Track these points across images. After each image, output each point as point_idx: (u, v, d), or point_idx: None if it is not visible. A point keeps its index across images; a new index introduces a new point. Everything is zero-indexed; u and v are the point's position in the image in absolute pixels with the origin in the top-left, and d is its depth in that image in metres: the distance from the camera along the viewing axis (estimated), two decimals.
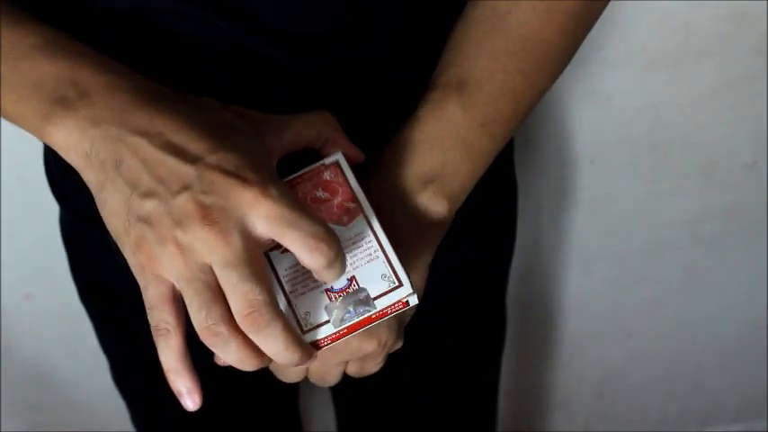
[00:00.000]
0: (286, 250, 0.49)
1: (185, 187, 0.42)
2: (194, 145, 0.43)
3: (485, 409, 0.85)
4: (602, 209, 1.10)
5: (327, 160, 0.52)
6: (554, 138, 1.03)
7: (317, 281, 0.49)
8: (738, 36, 0.95)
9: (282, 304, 0.49)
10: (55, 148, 0.46)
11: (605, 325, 1.24)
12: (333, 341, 0.49)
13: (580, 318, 1.23)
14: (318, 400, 1.17)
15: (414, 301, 0.49)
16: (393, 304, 0.49)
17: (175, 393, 0.46)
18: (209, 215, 0.42)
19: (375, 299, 0.49)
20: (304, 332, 0.48)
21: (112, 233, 0.45)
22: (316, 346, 0.48)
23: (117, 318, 0.73)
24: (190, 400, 0.46)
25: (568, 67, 0.58)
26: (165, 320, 0.44)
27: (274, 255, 0.50)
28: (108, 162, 0.44)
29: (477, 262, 0.74)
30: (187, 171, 0.42)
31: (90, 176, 0.45)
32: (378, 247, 0.50)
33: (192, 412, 0.47)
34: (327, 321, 0.48)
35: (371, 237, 0.50)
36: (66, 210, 0.71)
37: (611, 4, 0.59)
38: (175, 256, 0.42)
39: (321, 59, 0.56)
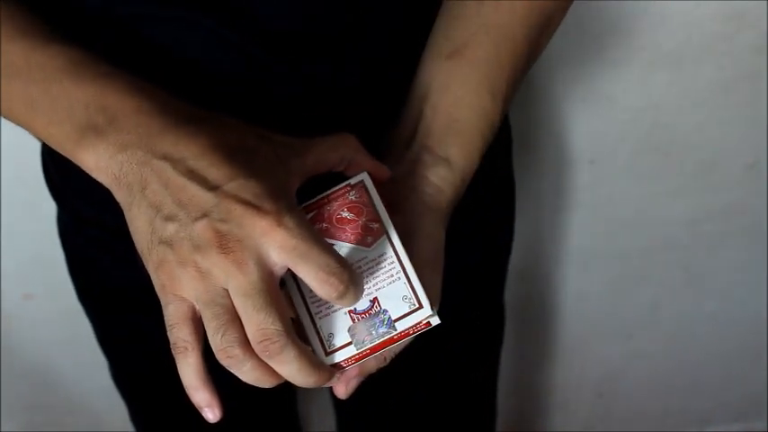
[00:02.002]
0: None
1: (204, 214, 0.44)
2: (215, 171, 0.45)
3: (484, 408, 0.85)
4: (602, 209, 1.10)
5: (353, 180, 0.53)
6: (553, 138, 1.03)
7: None
8: (738, 36, 0.95)
9: (308, 325, 0.50)
10: (87, 171, 0.47)
11: (605, 325, 1.24)
12: (356, 361, 0.49)
13: (580, 318, 1.23)
14: (318, 402, 1.17)
15: (435, 321, 0.50)
16: (414, 326, 0.49)
17: (196, 407, 0.47)
18: (226, 243, 0.43)
19: (396, 320, 0.49)
20: (327, 354, 0.49)
21: (138, 251, 0.47)
22: (338, 366, 0.49)
23: (115, 317, 0.73)
24: (210, 413, 0.47)
25: (568, 67, 0.58)
26: (183, 339, 0.45)
27: None
28: (135, 185, 0.45)
29: (475, 262, 0.74)
30: (206, 198, 0.44)
31: (119, 197, 0.47)
32: (399, 268, 0.50)
33: (190, 413, 0.47)
34: (350, 343, 0.49)
35: (393, 257, 0.50)
36: (64, 210, 0.71)
37: (611, 4, 0.59)
38: (195, 279, 0.44)
39: (320, 60, 0.56)
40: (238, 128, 0.48)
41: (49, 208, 0.73)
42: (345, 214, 0.52)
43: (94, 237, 0.67)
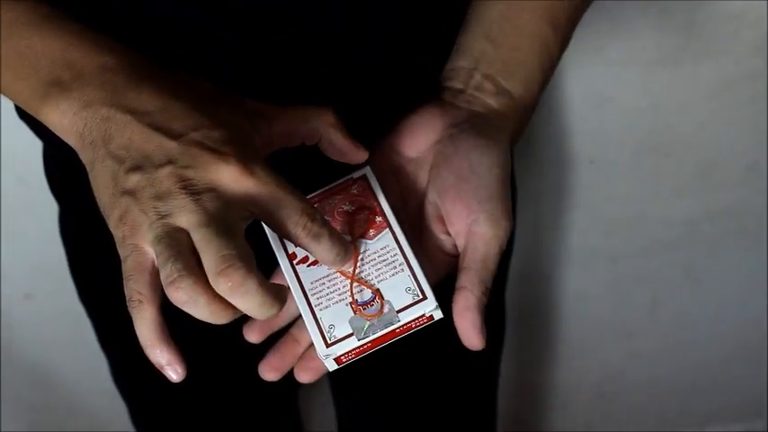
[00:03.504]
0: (312, 264, 0.50)
1: (169, 161, 0.43)
2: (180, 122, 0.44)
3: (485, 409, 0.85)
4: (602, 209, 1.10)
5: (355, 174, 0.53)
6: (554, 138, 1.02)
7: (342, 294, 0.50)
8: (738, 36, 0.95)
9: (308, 316, 0.50)
10: (52, 129, 0.47)
11: (605, 325, 1.24)
12: (356, 355, 0.49)
13: (580, 318, 1.23)
14: (319, 400, 1.17)
15: (438, 315, 0.50)
16: (417, 318, 0.49)
17: (157, 367, 0.45)
18: (191, 186, 0.43)
19: (399, 312, 0.49)
20: (328, 345, 0.49)
21: (101, 209, 0.46)
22: (338, 361, 0.49)
23: (116, 317, 0.73)
24: (172, 371, 0.45)
25: (568, 68, 0.59)
26: (138, 291, 0.43)
27: (301, 268, 0.51)
28: (98, 141, 0.45)
29: None
30: (171, 146, 0.43)
31: (84, 156, 0.46)
32: (403, 260, 0.50)
33: (191, 412, 0.47)
34: (351, 334, 0.49)
35: (397, 250, 0.50)
36: (65, 208, 0.71)
37: (611, 3, 0.59)
38: (154, 222, 0.42)
39: (321, 62, 0.56)
40: (205, 86, 0.48)
41: (49, 208, 0.73)
42: (348, 207, 0.52)
43: (96, 236, 0.66)
